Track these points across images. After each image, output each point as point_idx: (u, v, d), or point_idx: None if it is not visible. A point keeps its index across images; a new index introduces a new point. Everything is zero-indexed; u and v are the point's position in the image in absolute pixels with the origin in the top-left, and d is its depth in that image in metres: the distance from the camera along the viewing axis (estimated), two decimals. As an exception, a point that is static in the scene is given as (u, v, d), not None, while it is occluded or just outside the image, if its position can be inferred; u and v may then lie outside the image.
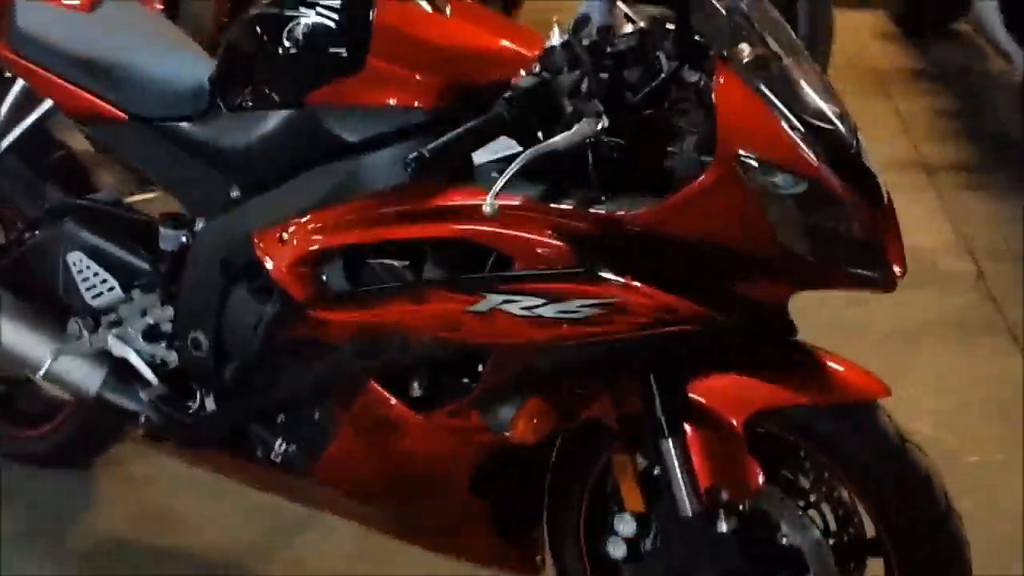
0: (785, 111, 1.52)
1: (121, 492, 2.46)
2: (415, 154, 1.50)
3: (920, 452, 1.66)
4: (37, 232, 2.18)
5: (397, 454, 1.82)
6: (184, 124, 1.94)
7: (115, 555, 2.29)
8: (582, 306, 1.56)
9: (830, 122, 1.56)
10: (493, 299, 1.60)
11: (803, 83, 1.58)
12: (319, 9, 1.78)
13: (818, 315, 2.00)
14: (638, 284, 1.54)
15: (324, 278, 1.78)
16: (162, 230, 2.04)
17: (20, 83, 2.12)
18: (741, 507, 1.68)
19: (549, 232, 1.58)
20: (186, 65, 2.01)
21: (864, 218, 1.53)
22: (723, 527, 1.67)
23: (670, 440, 1.67)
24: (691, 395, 1.68)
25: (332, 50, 1.74)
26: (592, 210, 1.56)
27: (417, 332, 1.68)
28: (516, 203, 1.58)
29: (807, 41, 3.71)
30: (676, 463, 1.67)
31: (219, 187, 1.93)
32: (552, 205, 1.58)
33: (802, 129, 1.51)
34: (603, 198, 1.56)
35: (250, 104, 1.86)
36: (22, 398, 2.48)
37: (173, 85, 1.97)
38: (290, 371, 1.87)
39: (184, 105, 1.94)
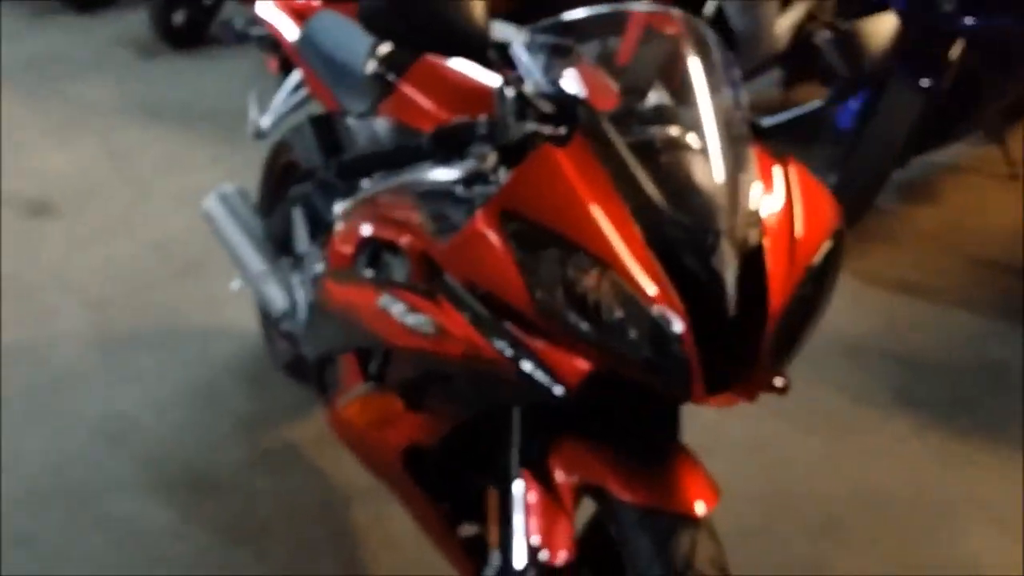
0: (639, 196, 1.52)
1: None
2: (337, 159, 1.79)
3: None
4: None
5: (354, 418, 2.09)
6: (354, 120, 2.38)
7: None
8: (426, 322, 1.72)
9: (694, 220, 1.52)
10: (385, 299, 1.82)
11: (699, 177, 1.56)
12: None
13: None
14: (456, 314, 1.66)
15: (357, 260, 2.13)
16: (336, 204, 2.51)
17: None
18: (548, 572, 1.72)
19: (420, 250, 1.77)
20: None
21: (665, 326, 1.46)
22: None
23: (513, 485, 1.76)
24: (549, 450, 1.75)
25: (388, 74, 2.06)
26: (440, 237, 1.72)
27: (362, 319, 1.95)
28: (404, 219, 1.79)
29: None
30: (513, 509, 1.75)
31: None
32: (427, 227, 1.77)
33: (639, 219, 1.51)
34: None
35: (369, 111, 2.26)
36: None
37: (364, 89, 2.41)
38: (319, 328, 2.23)
39: (362, 106, 2.38)
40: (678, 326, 1.47)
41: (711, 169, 1.59)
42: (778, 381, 1.68)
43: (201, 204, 2.89)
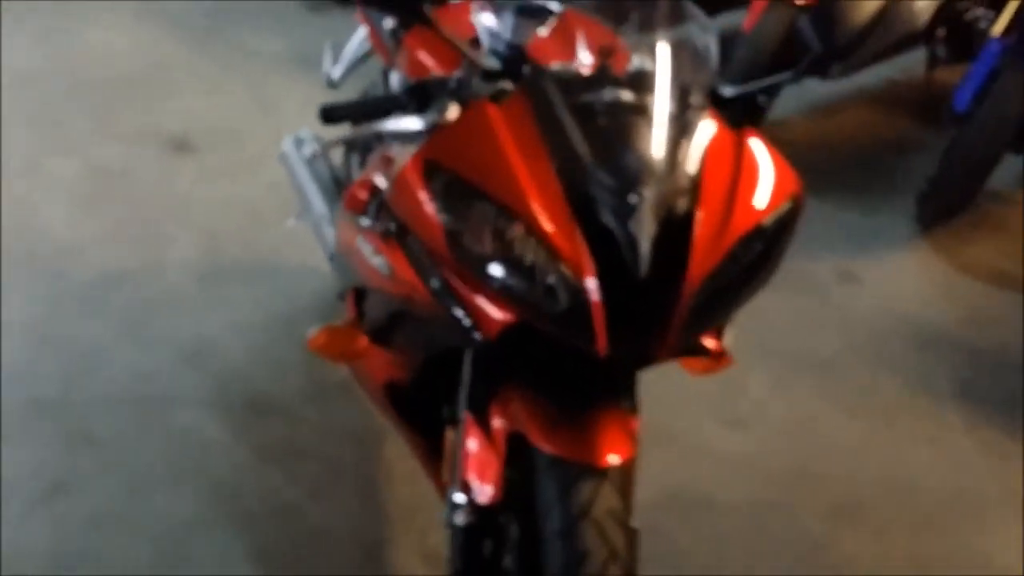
0: (567, 155, 1.57)
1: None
2: (323, 105, 1.91)
3: (598, 536, 1.63)
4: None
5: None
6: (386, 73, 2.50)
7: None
8: (384, 263, 1.83)
9: (618, 181, 1.55)
10: (360, 240, 1.94)
11: (635, 141, 1.60)
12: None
13: None
14: (402, 256, 1.76)
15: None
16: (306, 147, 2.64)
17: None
18: (480, 511, 1.81)
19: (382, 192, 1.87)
20: None
21: (572, 282, 1.52)
22: (458, 520, 1.82)
23: (460, 424, 1.85)
24: (495, 395, 1.83)
25: (398, 31, 2.17)
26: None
27: (351, 258, 2.07)
28: (381, 165, 1.90)
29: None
30: (457, 447, 1.85)
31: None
32: (392, 173, 1.86)
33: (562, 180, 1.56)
34: None
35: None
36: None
37: (389, 42, 2.51)
38: (337, 267, 2.37)
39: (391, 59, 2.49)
40: (585, 283, 1.52)
41: (651, 135, 1.63)
42: (711, 345, 1.70)
43: (279, 146, 3.09)
